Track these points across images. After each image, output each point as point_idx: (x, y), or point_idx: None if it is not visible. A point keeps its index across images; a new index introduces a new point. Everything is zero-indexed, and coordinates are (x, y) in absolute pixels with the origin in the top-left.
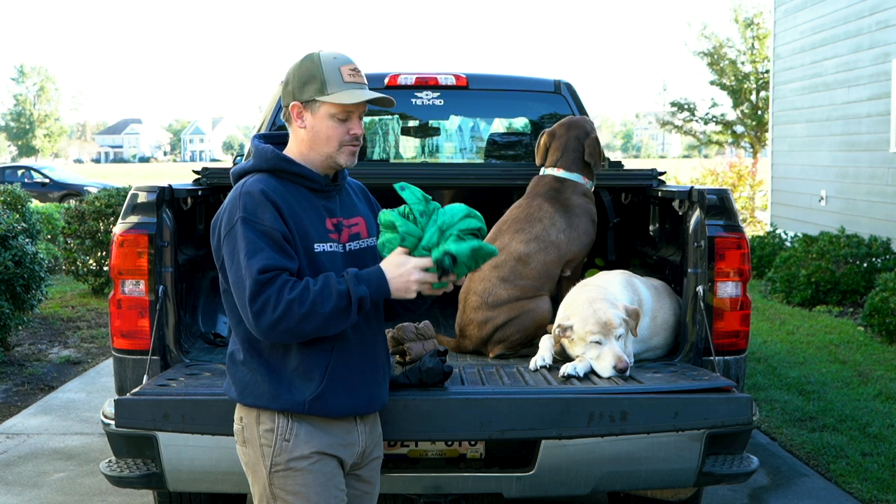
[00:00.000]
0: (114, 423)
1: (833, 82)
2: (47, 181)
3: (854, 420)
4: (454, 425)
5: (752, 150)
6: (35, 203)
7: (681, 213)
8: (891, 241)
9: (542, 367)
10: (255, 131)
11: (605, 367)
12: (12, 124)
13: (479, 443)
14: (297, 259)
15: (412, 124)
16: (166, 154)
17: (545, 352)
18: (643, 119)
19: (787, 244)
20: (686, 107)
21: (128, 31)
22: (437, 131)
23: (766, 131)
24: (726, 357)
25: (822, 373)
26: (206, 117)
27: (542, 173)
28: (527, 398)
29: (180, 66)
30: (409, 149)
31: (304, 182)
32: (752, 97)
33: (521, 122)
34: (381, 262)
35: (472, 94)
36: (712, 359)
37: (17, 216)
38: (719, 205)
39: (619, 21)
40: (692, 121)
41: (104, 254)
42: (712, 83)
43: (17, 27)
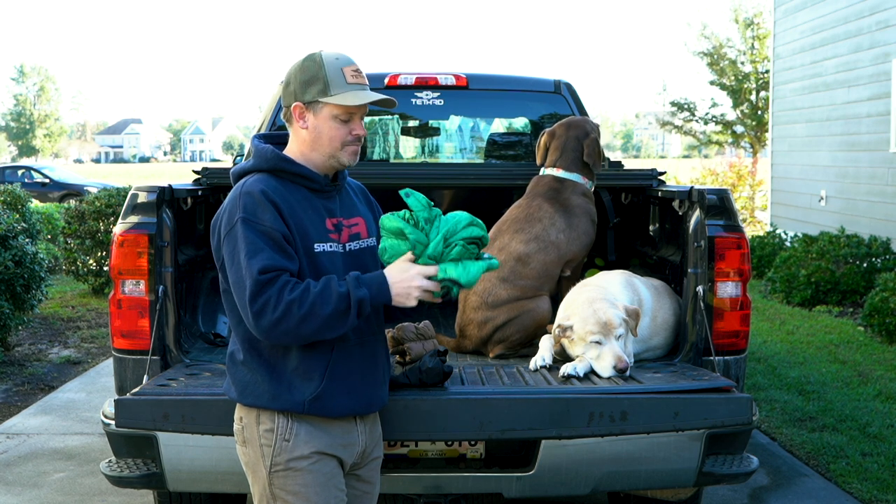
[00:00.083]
0: (114, 423)
1: (833, 82)
2: (47, 181)
3: (854, 420)
4: (454, 425)
5: (752, 150)
6: (35, 203)
7: (681, 213)
8: (891, 241)
9: (542, 367)
10: (255, 131)
11: (605, 367)
12: (12, 124)
13: (479, 443)
14: (298, 259)
15: (412, 124)
16: (166, 154)
17: (545, 352)
18: (643, 119)
19: (787, 244)
20: (686, 107)
21: (128, 31)
22: (437, 131)
23: (766, 131)
24: (726, 357)
25: (822, 373)
26: (206, 117)
27: (541, 173)
28: (527, 398)
29: (180, 66)
30: (409, 149)
31: (305, 182)
32: (752, 97)
33: (521, 122)
34: (386, 269)
35: (472, 94)
36: (712, 359)
37: (17, 216)
38: (719, 205)
39: (619, 21)
40: (692, 121)
41: (104, 254)
42: (712, 83)
43: (17, 27)
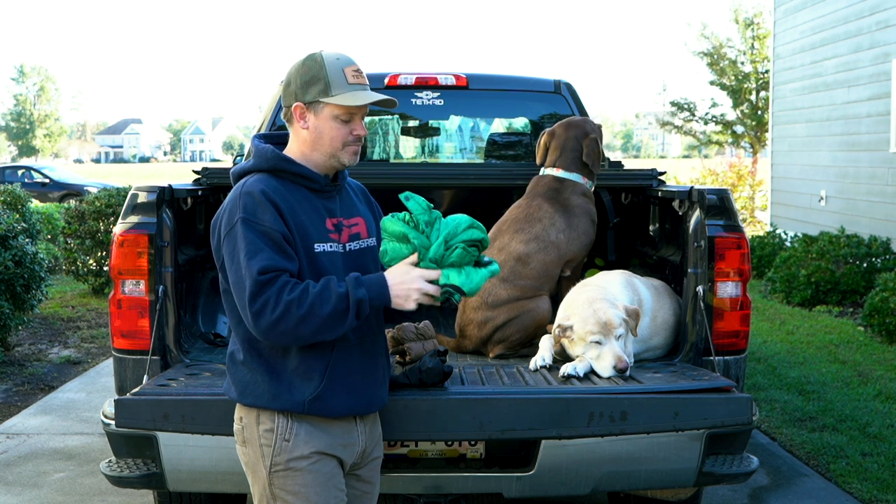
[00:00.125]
0: (114, 423)
1: (833, 82)
2: (47, 181)
3: (854, 420)
4: (454, 425)
5: (751, 150)
6: (35, 203)
7: (681, 213)
8: (891, 241)
9: (542, 367)
10: (255, 131)
11: (605, 367)
12: (12, 124)
13: (479, 443)
14: (297, 259)
15: (412, 124)
16: (166, 154)
17: (545, 352)
18: (643, 119)
19: (787, 244)
20: (686, 107)
21: (128, 31)
22: (437, 131)
23: (766, 131)
24: (726, 357)
25: (822, 373)
26: (206, 117)
27: (541, 173)
28: (527, 398)
29: (180, 66)
30: (409, 149)
31: (305, 182)
32: (752, 97)
33: (521, 122)
34: (387, 271)
35: (472, 94)
36: (712, 359)
37: (17, 216)
38: (719, 205)
39: (619, 21)
40: (692, 121)
41: (104, 254)
42: (712, 83)
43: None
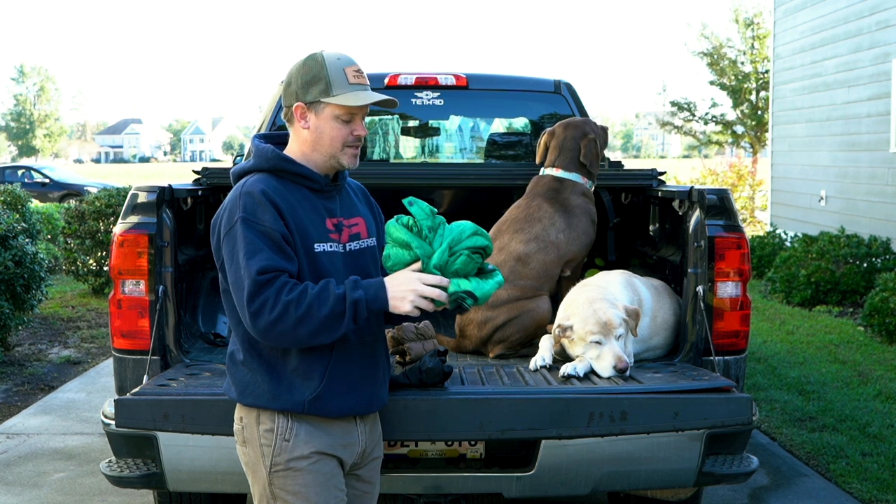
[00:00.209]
0: (114, 423)
1: (833, 82)
2: (47, 181)
3: (854, 420)
4: (454, 425)
5: (752, 150)
6: (35, 203)
7: (681, 213)
8: (891, 241)
9: (542, 367)
10: (255, 131)
11: (605, 367)
12: (12, 124)
13: (479, 443)
14: (297, 259)
15: (412, 124)
16: (166, 154)
17: (545, 352)
18: (643, 119)
19: (787, 244)
20: (686, 107)
21: (128, 31)
22: (437, 131)
23: (766, 131)
24: (726, 357)
25: (822, 373)
26: (206, 117)
27: (541, 173)
28: (527, 398)
29: (180, 66)
30: (409, 149)
31: (305, 182)
32: (752, 97)
33: (521, 122)
34: (387, 277)
35: (472, 94)
36: (712, 359)
37: (17, 216)
38: (719, 205)
39: (619, 21)
40: (692, 121)
41: (104, 254)
42: (712, 83)
43: (17, 27)
